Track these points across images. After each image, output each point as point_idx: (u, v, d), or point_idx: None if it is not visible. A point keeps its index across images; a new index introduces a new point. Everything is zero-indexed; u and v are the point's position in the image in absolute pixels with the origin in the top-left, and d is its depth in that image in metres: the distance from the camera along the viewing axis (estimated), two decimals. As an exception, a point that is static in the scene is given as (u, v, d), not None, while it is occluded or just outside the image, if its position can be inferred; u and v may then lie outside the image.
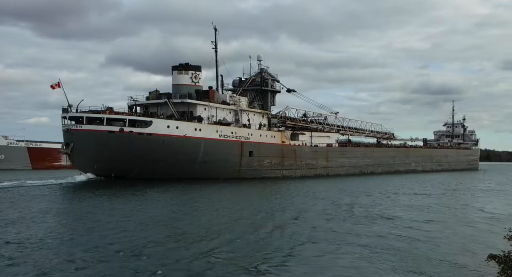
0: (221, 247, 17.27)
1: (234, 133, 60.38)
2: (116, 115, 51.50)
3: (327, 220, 24.48)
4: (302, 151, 70.72)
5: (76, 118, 50.21)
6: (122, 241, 18.02)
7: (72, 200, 32.75)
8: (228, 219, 24.37)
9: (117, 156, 50.06)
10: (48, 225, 21.60)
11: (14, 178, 48.82)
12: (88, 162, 50.22)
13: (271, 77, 73.35)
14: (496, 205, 34.66)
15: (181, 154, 53.65)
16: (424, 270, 14.87)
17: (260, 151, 63.03)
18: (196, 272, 14.03)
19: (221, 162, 57.71)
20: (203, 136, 56.18)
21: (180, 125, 54.26)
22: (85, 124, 49.67)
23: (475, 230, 22.89)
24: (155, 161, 51.91)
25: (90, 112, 50.85)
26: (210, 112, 59.90)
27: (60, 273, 13.68)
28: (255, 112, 67.19)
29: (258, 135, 64.18)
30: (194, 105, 58.33)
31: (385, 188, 49.21)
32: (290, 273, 14.36)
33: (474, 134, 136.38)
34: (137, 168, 51.41)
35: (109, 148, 49.65)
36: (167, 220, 23.56)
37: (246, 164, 61.05)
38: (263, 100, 71.61)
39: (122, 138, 50.24)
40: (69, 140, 50.02)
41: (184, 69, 60.87)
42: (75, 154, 50.25)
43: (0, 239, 18.10)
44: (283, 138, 68.15)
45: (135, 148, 50.67)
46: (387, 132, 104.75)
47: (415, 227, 23.08)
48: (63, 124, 51.57)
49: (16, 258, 15.17)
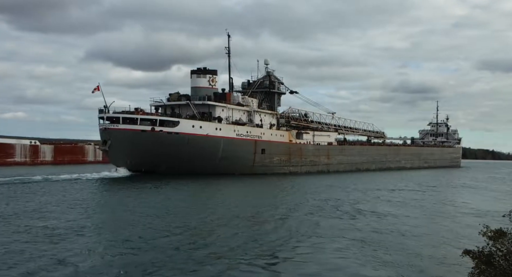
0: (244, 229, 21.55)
1: (248, 132, 66.04)
2: (147, 115, 56.65)
3: (311, 214, 26.92)
4: (306, 149, 76.80)
5: (113, 118, 55.07)
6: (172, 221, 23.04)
7: (121, 192, 38.03)
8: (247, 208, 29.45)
9: (148, 152, 55.16)
10: (109, 211, 27.11)
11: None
12: (123, 158, 55.26)
13: (277, 80, 79.20)
14: (481, 201, 37.57)
15: (203, 151, 59.01)
16: (401, 264, 15.72)
17: (271, 149, 68.83)
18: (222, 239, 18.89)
19: (237, 159, 63.27)
20: (222, 135, 61.67)
21: (203, 125, 59.65)
22: (121, 123, 54.66)
23: (460, 225, 24.20)
24: (181, 158, 57.12)
25: (124, 113, 55.82)
26: (227, 113, 65.42)
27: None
28: (266, 113, 72.96)
29: (269, 134, 69.98)
30: (214, 106, 63.73)
31: (384, 185, 55.18)
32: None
33: (456, 133, 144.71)
34: (165, 164, 56.60)
35: (141, 145, 54.73)
36: (200, 207, 28.96)
37: (259, 161, 66.80)
38: (270, 101, 77.42)
39: (153, 137, 55.39)
40: (106, 138, 54.96)
41: (202, 73, 66.16)
42: (112, 151, 55.24)
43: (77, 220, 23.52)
44: (290, 137, 74.10)
45: (163, 146, 55.83)
46: (378, 131, 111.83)
47: (399, 222, 24.51)
48: (100, 123, 56.48)
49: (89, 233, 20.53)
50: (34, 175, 48.31)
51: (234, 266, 15.13)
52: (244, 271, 14.71)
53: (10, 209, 26.01)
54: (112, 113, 55.70)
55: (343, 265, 15.66)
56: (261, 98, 75.91)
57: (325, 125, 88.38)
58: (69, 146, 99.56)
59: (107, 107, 55.63)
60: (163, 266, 14.92)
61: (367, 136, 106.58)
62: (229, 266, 15.11)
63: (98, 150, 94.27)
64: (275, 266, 15.56)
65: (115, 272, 14.18)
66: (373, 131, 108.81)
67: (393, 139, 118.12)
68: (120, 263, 15.18)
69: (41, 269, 14.32)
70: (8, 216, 23.62)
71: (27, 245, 17.15)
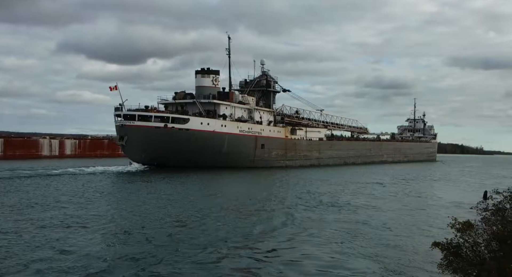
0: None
1: (250, 129, 70.95)
2: (160, 113, 60.97)
3: (301, 206, 28.47)
4: (300, 144, 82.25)
5: (130, 115, 59.10)
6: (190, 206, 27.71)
7: (143, 183, 42.48)
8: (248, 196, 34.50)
9: (161, 147, 59.45)
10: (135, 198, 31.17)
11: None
12: (138, 153, 59.46)
13: (272, 79, 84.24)
14: (458, 193, 39.64)
15: (210, 146, 63.63)
16: (372, 257, 16.03)
17: (270, 144, 73.95)
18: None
19: (240, 153, 68.13)
20: (227, 131, 66.42)
21: (210, 122, 64.24)
22: (136, 120, 58.79)
23: (436, 217, 24.89)
24: (190, 152, 61.57)
25: (140, 111, 60.00)
26: (230, 110, 70.13)
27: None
28: (264, 110, 77.96)
29: (268, 130, 75.06)
30: (218, 104, 68.34)
31: (370, 179, 61.12)
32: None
33: (432, 128, 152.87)
34: (175, 158, 60.97)
35: (155, 141, 58.99)
36: (210, 195, 33.38)
37: (259, 155, 71.84)
38: (267, 99, 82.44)
39: (165, 133, 59.69)
40: (123, 134, 58.99)
41: (206, 73, 70.66)
42: (128, 146, 59.34)
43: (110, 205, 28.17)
44: (286, 133, 79.35)
45: (174, 141, 60.20)
46: (362, 126, 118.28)
47: (377, 214, 25.43)
48: (116, 120, 60.44)
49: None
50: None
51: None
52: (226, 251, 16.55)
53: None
54: (127, 110, 59.74)
55: (316, 255, 16.28)
56: (258, 96, 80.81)
57: (315, 122, 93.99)
58: (21, 140, 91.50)
59: (123, 105, 59.61)
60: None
61: (351, 131, 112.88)
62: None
63: (55, 145, 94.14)
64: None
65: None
66: (357, 127, 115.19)
67: (375, 134, 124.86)
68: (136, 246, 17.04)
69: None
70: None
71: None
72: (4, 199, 28.35)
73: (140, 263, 14.74)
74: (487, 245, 10.45)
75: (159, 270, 14.13)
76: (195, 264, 14.88)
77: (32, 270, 13.80)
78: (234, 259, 15.59)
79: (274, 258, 15.79)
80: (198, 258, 15.46)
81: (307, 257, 15.99)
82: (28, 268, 13.98)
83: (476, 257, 10.26)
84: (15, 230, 19.19)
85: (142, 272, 13.92)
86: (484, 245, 10.49)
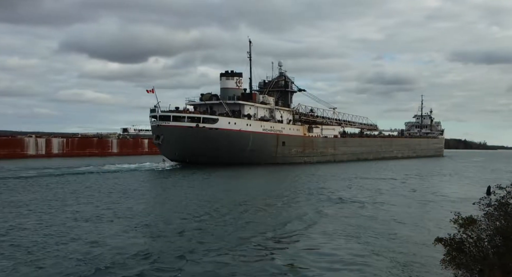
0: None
1: (272, 128, 75.71)
2: (192, 114, 65.88)
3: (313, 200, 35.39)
4: (317, 141, 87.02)
5: (165, 116, 63.92)
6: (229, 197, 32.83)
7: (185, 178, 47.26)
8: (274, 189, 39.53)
9: (192, 146, 64.20)
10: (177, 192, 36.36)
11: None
12: (172, 150, 64.32)
13: (290, 80, 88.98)
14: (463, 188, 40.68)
15: (236, 144, 68.38)
16: (376, 252, 16.35)
17: (290, 141, 78.70)
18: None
19: (263, 150, 72.88)
20: (251, 130, 71.18)
21: (237, 121, 69.02)
22: (171, 121, 63.62)
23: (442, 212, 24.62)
24: (218, 150, 66.31)
25: (173, 112, 64.90)
26: (254, 110, 74.87)
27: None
28: (284, 110, 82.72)
29: (288, 128, 79.84)
30: (243, 105, 73.11)
31: (384, 175, 65.47)
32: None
33: (440, 125, 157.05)
34: (205, 155, 65.73)
35: (187, 139, 63.74)
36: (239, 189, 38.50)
37: (280, 152, 76.61)
38: (285, 99, 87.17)
39: (197, 132, 64.46)
40: (159, 133, 63.84)
41: (230, 75, 75.44)
42: (164, 145, 64.19)
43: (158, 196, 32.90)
44: (304, 130, 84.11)
45: (205, 140, 64.94)
46: (372, 124, 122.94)
47: (389, 209, 26.36)
48: (151, 121, 65.33)
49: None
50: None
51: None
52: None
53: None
54: (162, 111, 64.57)
55: (321, 245, 17.34)
56: (277, 96, 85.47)
57: (328, 119, 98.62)
58: (4, 139, 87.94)
59: (158, 106, 64.45)
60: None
61: (361, 128, 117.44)
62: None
63: (42, 144, 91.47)
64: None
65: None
66: (367, 124, 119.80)
67: (384, 131, 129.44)
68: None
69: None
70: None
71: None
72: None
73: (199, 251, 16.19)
74: (490, 241, 10.40)
75: (203, 261, 15.16)
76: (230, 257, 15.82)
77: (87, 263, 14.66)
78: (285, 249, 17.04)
79: (291, 244, 17.79)
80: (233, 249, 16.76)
81: (319, 248, 17.08)
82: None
83: (479, 253, 10.17)
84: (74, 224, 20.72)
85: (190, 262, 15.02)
86: (487, 240, 10.43)
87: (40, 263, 14.45)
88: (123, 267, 14.22)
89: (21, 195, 30.64)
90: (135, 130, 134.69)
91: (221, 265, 14.68)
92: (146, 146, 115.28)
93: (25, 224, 20.48)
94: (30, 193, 32.10)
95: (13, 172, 48.51)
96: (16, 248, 16.22)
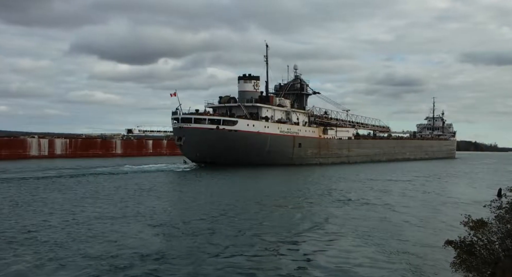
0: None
1: (288, 130, 77.82)
2: (213, 116, 68.23)
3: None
4: (332, 143, 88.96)
5: (186, 119, 66.32)
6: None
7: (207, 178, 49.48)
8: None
9: (212, 147, 66.43)
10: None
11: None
12: (193, 151, 66.68)
13: (305, 83, 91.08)
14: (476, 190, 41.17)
15: (255, 145, 70.53)
16: (386, 254, 16.54)
17: (306, 143, 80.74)
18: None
19: (280, 152, 74.97)
20: (269, 132, 73.32)
21: (255, 123, 71.22)
22: (193, 123, 65.99)
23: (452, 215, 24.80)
24: (237, 151, 68.50)
25: (194, 114, 67.33)
26: (271, 113, 77.04)
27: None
28: (300, 112, 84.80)
29: (304, 130, 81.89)
30: (260, 107, 75.28)
31: (399, 176, 67.17)
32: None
33: (451, 126, 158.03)
34: (224, 156, 67.97)
35: (208, 141, 65.99)
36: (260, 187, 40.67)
37: (297, 154, 78.67)
38: (300, 101, 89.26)
39: (217, 134, 66.72)
40: (181, 135, 66.23)
41: (248, 79, 77.69)
42: (185, 145, 66.58)
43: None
44: (319, 132, 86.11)
45: (224, 141, 67.14)
46: (384, 125, 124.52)
47: (401, 211, 26.67)
48: (173, 122, 67.81)
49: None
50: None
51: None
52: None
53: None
54: (183, 114, 66.99)
55: (332, 246, 17.72)
56: (293, 99, 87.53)
57: (342, 121, 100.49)
58: (6, 139, 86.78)
59: (180, 109, 66.95)
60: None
61: (374, 130, 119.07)
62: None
63: (44, 144, 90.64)
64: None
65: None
66: (379, 126, 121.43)
67: (397, 133, 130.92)
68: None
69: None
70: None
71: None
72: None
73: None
74: (501, 243, 10.29)
75: (218, 260, 15.68)
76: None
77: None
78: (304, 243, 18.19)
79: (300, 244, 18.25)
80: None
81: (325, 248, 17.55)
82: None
83: (490, 256, 10.05)
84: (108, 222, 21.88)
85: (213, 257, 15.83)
86: (498, 243, 10.32)
87: (62, 261, 15.04)
88: (138, 266, 14.67)
89: (23, 195, 31.28)
90: (140, 131, 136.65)
91: (238, 265, 15.08)
92: (150, 147, 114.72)
93: (51, 221, 21.72)
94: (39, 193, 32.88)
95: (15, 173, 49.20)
96: (41, 244, 17.15)
